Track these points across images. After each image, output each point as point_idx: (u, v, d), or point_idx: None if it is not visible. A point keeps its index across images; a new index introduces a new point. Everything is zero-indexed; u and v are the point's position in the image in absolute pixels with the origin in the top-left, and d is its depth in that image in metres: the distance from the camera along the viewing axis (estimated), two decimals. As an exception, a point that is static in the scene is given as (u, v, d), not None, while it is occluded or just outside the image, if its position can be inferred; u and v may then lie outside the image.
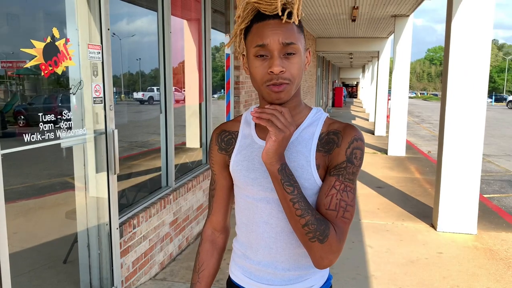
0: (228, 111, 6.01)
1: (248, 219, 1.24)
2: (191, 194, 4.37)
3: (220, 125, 1.32)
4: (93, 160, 2.90)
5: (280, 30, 1.08)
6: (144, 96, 4.46)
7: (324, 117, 1.21)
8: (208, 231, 1.38)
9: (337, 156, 1.13)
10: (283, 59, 1.08)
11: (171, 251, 3.95)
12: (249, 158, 1.21)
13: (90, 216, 3.01)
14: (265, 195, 1.18)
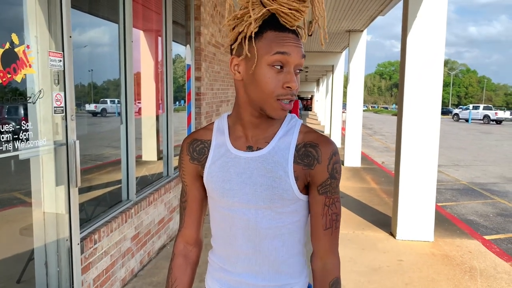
0: (189, 122, 5.95)
1: (224, 232, 1.21)
2: (152, 207, 4.26)
3: (190, 134, 1.27)
4: (52, 173, 2.76)
5: (299, 45, 1.09)
6: (96, 108, 4.33)
7: (299, 125, 1.19)
8: (180, 246, 1.33)
9: (320, 173, 1.13)
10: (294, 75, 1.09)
11: (132, 266, 3.82)
12: (224, 168, 1.17)
13: (49, 232, 2.85)
14: (241, 206, 1.15)
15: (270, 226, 1.15)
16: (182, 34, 5.73)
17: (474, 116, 38.29)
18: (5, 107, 2.47)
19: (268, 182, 1.12)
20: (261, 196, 1.13)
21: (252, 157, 1.15)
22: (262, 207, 1.14)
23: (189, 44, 5.80)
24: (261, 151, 1.15)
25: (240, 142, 1.18)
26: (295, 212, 1.17)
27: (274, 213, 1.15)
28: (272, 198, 1.13)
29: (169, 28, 4.94)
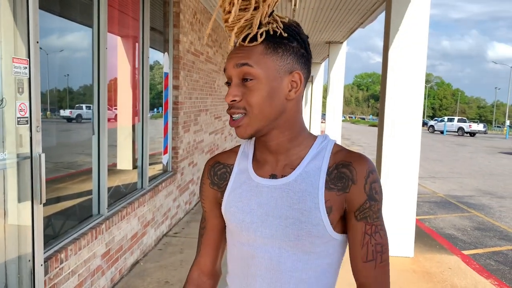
0: (166, 132, 5.77)
1: (242, 271, 1.07)
2: (125, 222, 4.06)
3: (214, 156, 1.16)
4: (14, 188, 2.56)
5: (239, 52, 0.96)
6: (71, 113, 4.13)
7: (331, 146, 1.04)
8: (194, 275, 1.19)
9: (356, 195, 0.97)
10: (241, 86, 0.96)
11: (102, 285, 3.60)
12: (244, 198, 1.04)
13: (9, 252, 2.64)
14: (263, 243, 1.01)
15: (296, 269, 1.00)
16: (161, 41, 5.57)
17: (449, 128, 39.08)
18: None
19: (295, 215, 0.97)
20: (285, 232, 0.98)
21: (275, 185, 1.01)
22: (287, 245, 0.99)
23: (167, 51, 5.65)
24: (285, 178, 1.01)
25: (264, 169, 1.05)
26: (326, 253, 1.01)
27: (301, 253, 0.99)
28: (299, 234, 0.97)
29: (146, 34, 4.78)
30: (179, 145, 5.95)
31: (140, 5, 4.67)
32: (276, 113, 0.98)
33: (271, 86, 0.96)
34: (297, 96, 0.99)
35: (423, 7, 4.70)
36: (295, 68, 0.98)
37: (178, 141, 5.90)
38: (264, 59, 0.95)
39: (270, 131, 1.00)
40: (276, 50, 0.96)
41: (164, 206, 5.31)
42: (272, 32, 0.96)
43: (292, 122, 1.01)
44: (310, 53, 1.02)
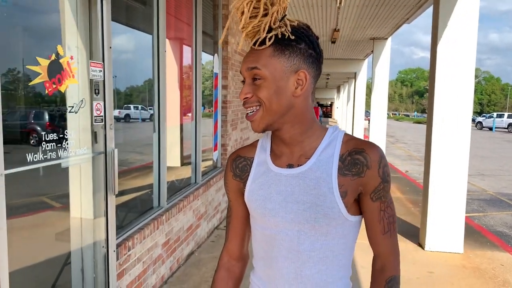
0: (215, 130, 6.00)
1: (266, 253, 1.17)
2: (182, 214, 4.30)
3: (236, 150, 1.27)
4: (90, 180, 2.82)
5: (251, 56, 1.08)
6: (120, 113, 4.39)
7: (341, 135, 1.14)
8: (224, 259, 1.32)
9: (372, 179, 1.08)
10: (252, 84, 1.08)
11: (163, 273, 3.86)
12: (264, 186, 1.15)
13: (85, 238, 2.91)
14: (284, 227, 1.12)
15: (314, 248, 1.11)
16: (210, 43, 5.80)
17: (498, 124, 37.47)
18: (49, 117, 2.54)
19: (311, 199, 1.08)
20: (304, 215, 1.08)
21: (292, 174, 1.11)
22: (305, 227, 1.09)
23: (217, 53, 5.87)
24: (301, 167, 1.11)
25: (281, 160, 1.15)
26: (342, 234, 1.12)
27: (318, 234, 1.10)
28: (316, 217, 1.07)
29: (198, 38, 5.01)
30: (228, 142, 6.17)
31: (193, 11, 4.90)
32: (284, 109, 1.08)
33: (278, 85, 1.06)
34: (304, 92, 1.08)
35: (472, 0, 4.65)
36: (301, 68, 1.07)
37: (226, 138, 6.12)
38: (271, 61, 1.05)
39: (282, 126, 1.10)
40: (283, 52, 1.06)
41: (215, 200, 5.54)
42: (280, 36, 1.05)
43: (302, 116, 1.11)
44: (320, 52, 1.11)
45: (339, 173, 1.08)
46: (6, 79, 2.20)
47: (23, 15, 2.36)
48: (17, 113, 2.54)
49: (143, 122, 4.82)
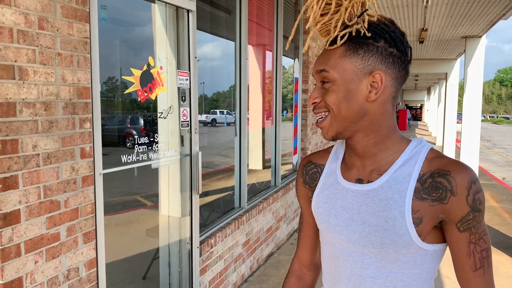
0: (295, 133, 6.06)
1: (331, 271, 1.08)
2: (261, 216, 4.42)
3: (308, 155, 1.18)
4: (178, 180, 3.04)
5: (322, 57, 0.98)
6: (207, 118, 4.58)
7: (425, 151, 0.97)
8: (295, 266, 1.25)
9: (457, 207, 0.90)
10: (321, 88, 0.98)
11: (243, 272, 4.00)
12: (330, 200, 1.04)
13: (172, 234, 3.14)
14: (348, 247, 1.00)
15: (379, 276, 0.97)
16: (291, 48, 5.88)
17: None
18: (143, 122, 2.80)
19: (379, 222, 0.94)
20: (369, 239, 0.96)
21: (360, 190, 0.99)
22: (370, 251, 0.97)
23: (297, 57, 5.94)
24: (371, 184, 0.98)
25: (351, 172, 1.03)
26: (414, 263, 0.95)
27: (385, 260, 0.96)
28: (382, 242, 0.94)
29: (279, 43, 5.12)
30: (307, 146, 6.20)
31: (274, 17, 5.02)
32: (355, 115, 0.95)
33: (347, 88, 0.94)
34: (380, 97, 0.95)
35: None
36: (377, 69, 0.93)
37: (306, 142, 6.16)
38: (341, 62, 0.94)
39: (354, 134, 0.98)
40: (356, 51, 0.94)
41: (294, 203, 5.60)
42: (355, 33, 0.94)
43: (377, 124, 0.97)
44: (404, 50, 0.96)
45: (415, 196, 0.93)
46: (107, 87, 2.47)
47: (120, 30, 2.63)
48: (116, 118, 2.83)
49: (228, 126, 5.02)
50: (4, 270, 1.68)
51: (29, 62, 1.75)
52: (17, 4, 1.68)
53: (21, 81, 1.71)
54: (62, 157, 1.93)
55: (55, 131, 1.89)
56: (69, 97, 1.96)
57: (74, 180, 2.01)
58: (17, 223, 1.73)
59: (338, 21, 0.94)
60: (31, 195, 1.79)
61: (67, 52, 1.93)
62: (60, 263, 1.95)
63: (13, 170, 1.70)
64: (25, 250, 1.77)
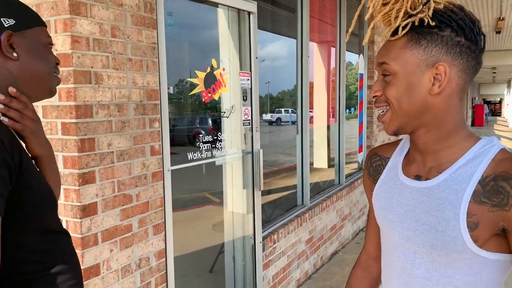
0: (360, 131, 5.97)
1: (384, 266, 1.07)
2: (325, 213, 4.41)
3: (375, 147, 1.16)
4: (240, 177, 3.14)
5: (383, 49, 0.95)
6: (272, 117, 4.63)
7: (494, 151, 0.89)
8: (362, 257, 1.24)
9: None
10: (382, 81, 0.94)
11: (306, 269, 4.03)
12: (388, 194, 1.02)
13: (236, 230, 3.25)
14: (400, 244, 0.98)
15: (430, 277, 0.94)
16: (355, 43, 5.80)
17: None
18: (209, 121, 2.94)
19: (432, 222, 0.91)
20: (421, 238, 0.93)
21: (417, 187, 0.96)
22: (421, 251, 0.94)
23: (362, 53, 5.84)
24: (429, 181, 0.94)
25: (411, 167, 1.00)
26: (469, 270, 0.89)
27: (437, 263, 0.92)
28: (433, 243, 0.90)
29: (343, 38, 5.07)
30: (374, 144, 6.07)
31: (337, 12, 4.99)
32: (417, 109, 0.91)
33: (408, 81, 0.90)
34: (443, 90, 0.89)
35: None
36: (441, 60, 0.88)
37: (372, 139, 6.04)
38: (403, 53, 0.90)
39: (417, 129, 0.94)
40: (419, 42, 0.89)
41: (360, 202, 5.52)
42: (418, 23, 0.89)
43: (441, 120, 0.92)
44: (475, 39, 0.89)
45: (473, 198, 0.86)
46: (177, 89, 2.63)
47: (185, 34, 2.78)
48: (185, 118, 3.00)
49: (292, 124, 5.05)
50: (84, 257, 1.86)
51: (103, 67, 1.92)
52: (93, 15, 1.86)
53: (96, 85, 1.89)
54: (134, 154, 2.10)
55: (127, 131, 2.05)
56: (140, 99, 2.11)
57: (145, 175, 2.17)
58: (94, 214, 1.90)
59: (400, 10, 0.89)
60: (107, 189, 1.96)
61: (137, 57, 2.09)
62: (132, 252, 2.11)
63: (90, 166, 1.87)
64: (101, 239, 1.94)
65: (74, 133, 1.80)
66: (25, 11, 1.01)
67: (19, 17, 0.98)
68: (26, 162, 0.91)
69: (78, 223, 1.84)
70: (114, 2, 1.95)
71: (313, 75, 4.96)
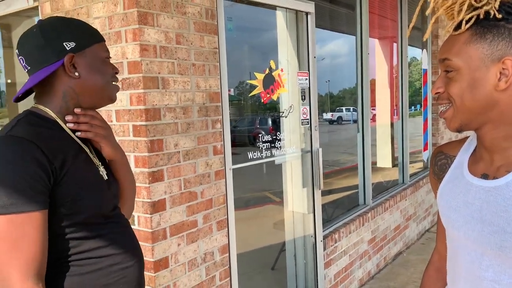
0: (425, 129, 5.77)
1: (450, 267, 1.04)
2: (388, 213, 4.33)
3: (441, 145, 1.13)
4: (299, 176, 3.18)
5: (446, 44, 0.91)
6: (333, 116, 4.61)
7: None
8: (435, 257, 1.21)
9: None
10: (444, 77, 0.91)
11: (369, 269, 3.98)
12: (453, 193, 0.98)
13: (296, 228, 3.29)
14: (466, 245, 0.95)
15: (498, 280, 0.89)
16: (418, 37, 5.62)
17: None
18: (269, 121, 3.01)
19: (500, 223, 0.87)
20: (488, 239, 0.89)
21: (484, 187, 0.92)
22: (489, 253, 0.90)
23: (426, 48, 5.65)
24: (496, 181, 0.89)
25: (478, 166, 0.96)
26: None
27: (507, 265, 0.88)
28: (502, 245, 0.86)
29: (404, 34, 4.94)
30: (440, 141, 5.84)
31: (398, 6, 4.87)
32: (481, 106, 0.87)
33: (472, 77, 0.86)
34: (511, 85, 0.85)
35: None
36: (508, 54, 0.84)
37: (438, 137, 5.81)
38: (466, 48, 0.86)
39: (483, 126, 0.91)
40: (483, 36, 0.85)
41: (425, 202, 5.34)
42: (483, 16, 0.85)
43: (509, 116, 0.88)
44: None
45: None
46: (237, 91, 2.73)
47: (244, 38, 2.87)
48: (246, 119, 3.09)
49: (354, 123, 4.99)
50: (154, 250, 2.00)
51: (169, 73, 2.04)
52: (159, 25, 1.99)
53: (164, 89, 2.02)
54: (198, 154, 2.21)
55: (192, 131, 2.17)
56: (203, 102, 2.23)
57: (208, 174, 2.28)
58: (163, 210, 2.04)
59: (463, 3, 0.86)
60: (174, 187, 2.09)
61: (199, 62, 2.20)
62: (198, 247, 2.23)
63: (159, 165, 2.01)
64: (170, 233, 2.07)
65: (144, 134, 1.94)
66: (83, 31, 1.14)
67: (78, 39, 1.11)
68: (71, 164, 1.06)
69: (149, 218, 1.98)
70: (178, 10, 2.07)
71: (374, 72, 4.88)
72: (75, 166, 1.07)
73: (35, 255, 0.97)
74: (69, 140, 1.11)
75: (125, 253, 1.15)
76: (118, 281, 1.12)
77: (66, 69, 1.09)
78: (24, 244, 0.96)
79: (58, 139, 1.08)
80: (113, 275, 1.11)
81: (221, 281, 2.38)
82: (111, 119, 2.05)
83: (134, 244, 1.22)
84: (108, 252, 1.11)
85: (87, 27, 1.17)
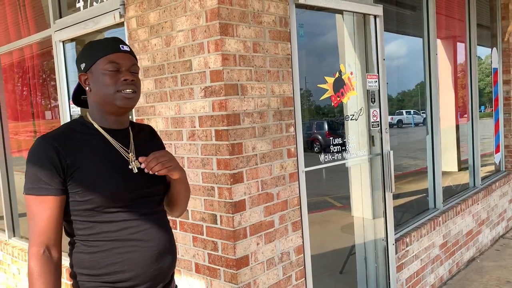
0: (497, 130, 5.51)
1: None
2: (460, 218, 4.19)
3: None
4: (368, 179, 3.18)
5: None
6: (393, 119, 4.52)
7: None
8: None
9: None
10: None
11: (441, 274, 3.87)
12: None
13: (367, 231, 3.28)
14: None
15: None
16: (486, 36, 5.40)
17: None
18: (335, 124, 3.04)
19: None
20: None
21: None
22: None
23: (496, 46, 5.41)
24: None
25: None
26: None
27: None
28: None
29: (473, 32, 4.78)
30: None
31: (465, 5, 4.72)
32: None
33: None
34: None
35: None
36: None
37: (511, 139, 5.53)
38: None
39: None
40: None
41: (499, 206, 5.09)
42: None
43: None
44: None
45: None
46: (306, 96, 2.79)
47: (314, 43, 2.92)
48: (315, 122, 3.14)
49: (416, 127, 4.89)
50: (236, 248, 2.10)
51: (247, 80, 2.15)
52: (238, 35, 2.10)
53: (242, 96, 2.12)
54: (273, 157, 2.29)
55: (268, 135, 2.26)
56: (277, 106, 2.31)
57: (283, 176, 2.35)
58: (243, 210, 2.13)
59: None
60: (252, 188, 2.18)
61: (274, 69, 2.29)
62: (275, 247, 2.30)
63: (239, 168, 2.11)
64: (249, 233, 2.17)
65: (226, 138, 2.06)
66: (92, 50, 1.35)
67: (87, 58, 1.34)
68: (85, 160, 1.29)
69: (231, 217, 2.08)
70: (255, 20, 2.17)
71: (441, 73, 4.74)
72: (91, 162, 1.29)
73: (42, 229, 1.25)
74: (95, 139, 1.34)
75: (134, 240, 1.31)
76: (123, 262, 1.30)
77: (83, 86, 1.37)
78: (37, 219, 1.25)
79: (78, 140, 1.32)
80: (118, 257, 1.29)
81: (297, 281, 2.44)
82: (194, 124, 2.18)
83: (153, 233, 1.35)
84: (117, 236, 1.30)
85: (96, 45, 1.36)
